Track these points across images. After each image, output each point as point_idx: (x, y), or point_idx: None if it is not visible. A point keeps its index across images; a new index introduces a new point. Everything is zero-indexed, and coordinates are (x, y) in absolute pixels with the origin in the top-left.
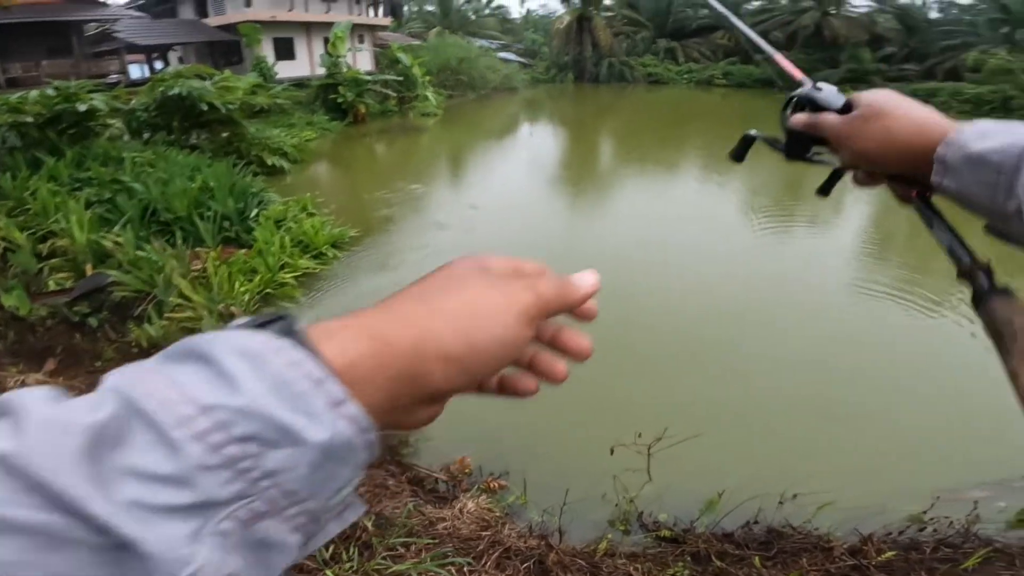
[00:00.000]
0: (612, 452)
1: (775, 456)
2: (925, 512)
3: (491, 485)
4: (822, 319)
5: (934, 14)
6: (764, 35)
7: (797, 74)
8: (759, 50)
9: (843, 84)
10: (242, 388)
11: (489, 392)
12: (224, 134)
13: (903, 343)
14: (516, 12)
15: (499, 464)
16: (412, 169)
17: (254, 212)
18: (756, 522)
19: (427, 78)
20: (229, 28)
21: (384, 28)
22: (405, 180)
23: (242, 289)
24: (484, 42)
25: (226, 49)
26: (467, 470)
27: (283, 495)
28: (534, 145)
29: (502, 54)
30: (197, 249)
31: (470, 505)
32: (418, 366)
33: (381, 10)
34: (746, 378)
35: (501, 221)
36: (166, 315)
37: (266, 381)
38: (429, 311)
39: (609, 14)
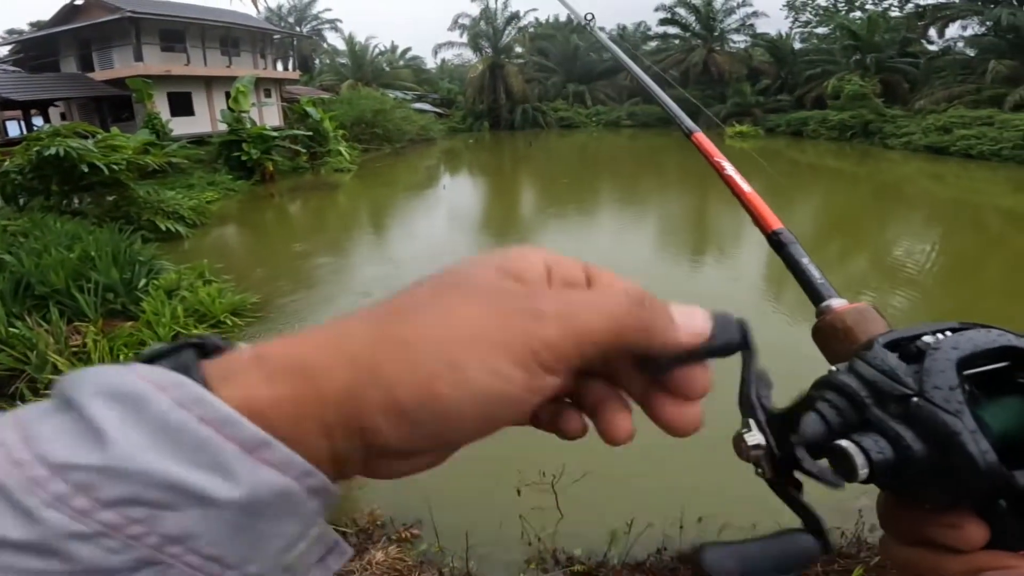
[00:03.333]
0: (519, 493)
1: (676, 482)
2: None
3: (403, 535)
4: None
5: (798, 44)
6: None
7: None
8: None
9: (730, 118)
10: (109, 440)
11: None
12: (110, 197)
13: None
14: (431, 62)
15: (411, 513)
16: (324, 228)
17: (143, 282)
18: (665, 548)
19: (340, 132)
20: (118, 83)
21: (293, 81)
22: (315, 241)
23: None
24: (399, 93)
25: (115, 105)
26: (377, 521)
27: (206, 561)
28: (453, 198)
29: (417, 104)
30: (77, 323)
31: (379, 556)
32: (357, 418)
33: (290, 63)
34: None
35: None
36: (42, 393)
37: (145, 429)
38: (380, 338)
39: (520, 61)
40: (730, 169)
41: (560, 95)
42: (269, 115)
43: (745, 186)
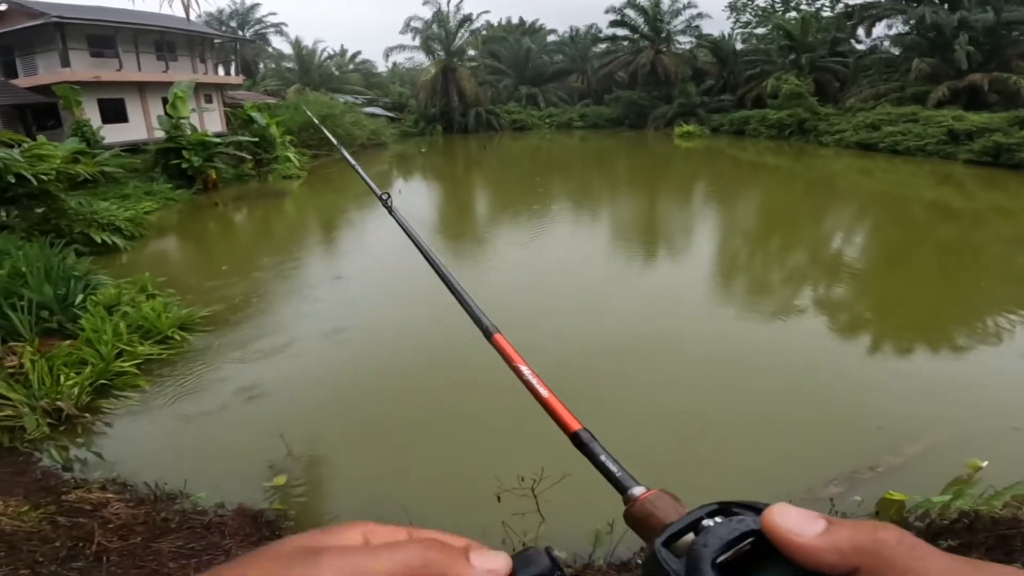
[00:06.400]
0: (499, 499)
1: (652, 478)
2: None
3: None
4: (678, 346)
5: (739, 45)
6: (611, 75)
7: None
8: None
9: (677, 118)
10: None
11: None
12: (39, 209)
13: (749, 353)
14: (382, 66)
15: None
16: (271, 238)
17: (79, 298)
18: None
19: (287, 138)
20: (43, 89)
21: (236, 86)
22: (263, 250)
23: (69, 383)
24: (349, 98)
25: (40, 112)
26: None
27: None
28: (406, 204)
29: (368, 109)
30: (12, 344)
31: None
32: None
33: (232, 68)
34: (612, 406)
35: (372, 290)
36: None
37: None
38: None
39: (473, 64)
40: (528, 373)
41: (513, 97)
42: (210, 121)
43: (543, 391)
